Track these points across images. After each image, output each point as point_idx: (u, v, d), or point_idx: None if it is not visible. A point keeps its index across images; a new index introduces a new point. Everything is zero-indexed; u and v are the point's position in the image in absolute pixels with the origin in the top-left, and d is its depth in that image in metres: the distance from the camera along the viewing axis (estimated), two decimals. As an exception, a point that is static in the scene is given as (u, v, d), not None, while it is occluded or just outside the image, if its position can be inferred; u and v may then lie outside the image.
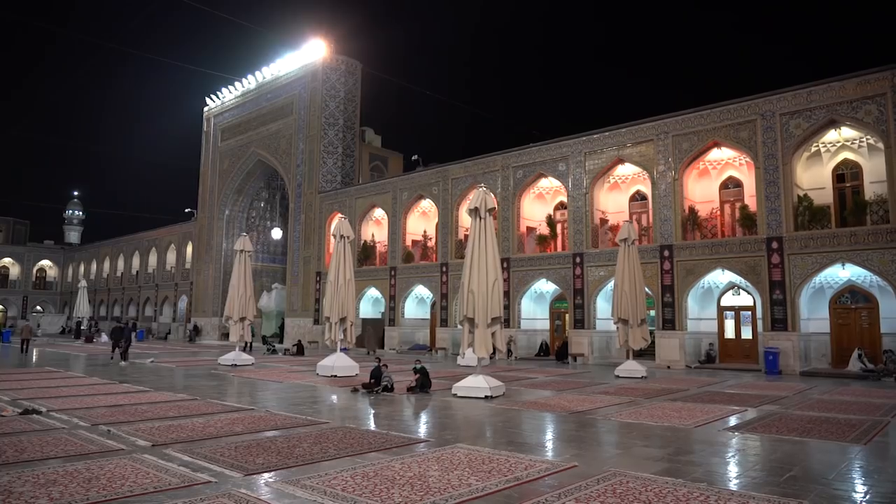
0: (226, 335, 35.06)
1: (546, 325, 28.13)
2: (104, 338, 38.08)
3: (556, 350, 26.08)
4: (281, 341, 37.70)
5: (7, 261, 67.36)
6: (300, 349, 28.20)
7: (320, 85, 38.11)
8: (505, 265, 26.24)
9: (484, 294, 13.00)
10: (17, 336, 35.16)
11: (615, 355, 22.98)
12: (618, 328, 18.56)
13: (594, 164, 25.32)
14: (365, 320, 33.02)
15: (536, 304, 28.28)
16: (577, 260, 25.21)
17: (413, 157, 38.60)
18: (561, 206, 28.12)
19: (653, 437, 8.76)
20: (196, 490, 5.73)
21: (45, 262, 70.56)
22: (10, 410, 10.22)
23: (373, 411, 11.46)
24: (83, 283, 48.23)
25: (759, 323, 21.47)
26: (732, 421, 10.30)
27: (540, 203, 28.76)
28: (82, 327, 44.26)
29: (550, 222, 27.67)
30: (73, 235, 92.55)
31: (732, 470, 6.99)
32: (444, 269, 30.00)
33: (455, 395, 13.03)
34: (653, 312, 22.66)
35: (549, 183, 27.94)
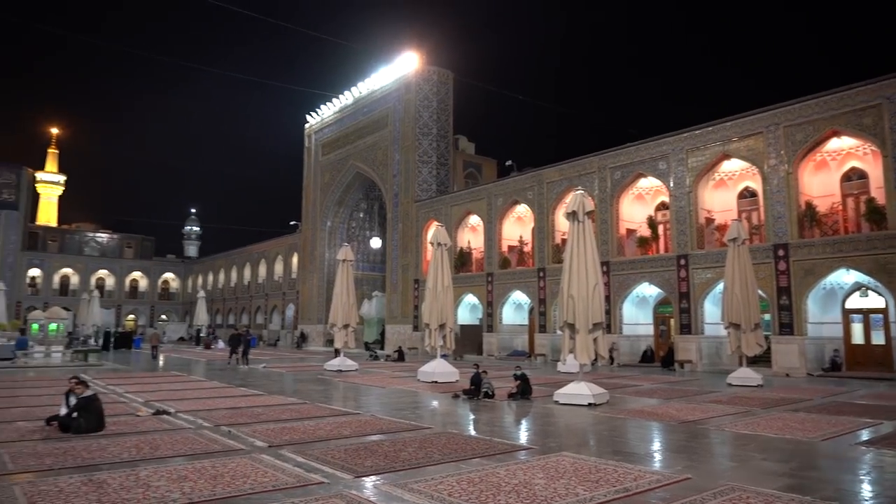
0: (330, 341, 36.49)
1: (650, 330, 27.10)
2: (221, 344, 40.75)
3: (661, 357, 25.06)
4: (382, 347, 38.71)
5: (137, 274, 73.72)
6: (401, 355, 28.84)
7: (413, 96, 38.95)
8: (605, 269, 25.53)
9: (584, 299, 12.73)
10: (146, 343, 38.35)
11: (726, 362, 21.74)
12: (729, 333, 17.56)
13: (697, 161, 24.17)
14: (463, 326, 33.26)
15: (639, 308, 27.32)
16: (682, 262, 24.12)
17: (507, 163, 38.57)
18: (662, 206, 27.05)
19: (773, 450, 8.19)
20: (310, 490, 5.98)
21: (169, 275, 76.57)
22: (145, 411, 11.15)
23: (474, 417, 11.50)
24: (201, 293, 51.88)
25: (893, 327, 19.58)
26: (865, 435, 9.44)
27: (640, 204, 27.81)
28: (201, 335, 47.59)
29: (652, 223, 26.67)
30: (191, 249, 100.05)
31: (867, 489, 6.40)
32: (542, 274, 29.66)
33: (557, 402, 12.83)
34: (767, 316, 21.25)
35: (648, 183, 26.97)
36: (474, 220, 34.87)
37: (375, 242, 46.85)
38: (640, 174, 26.37)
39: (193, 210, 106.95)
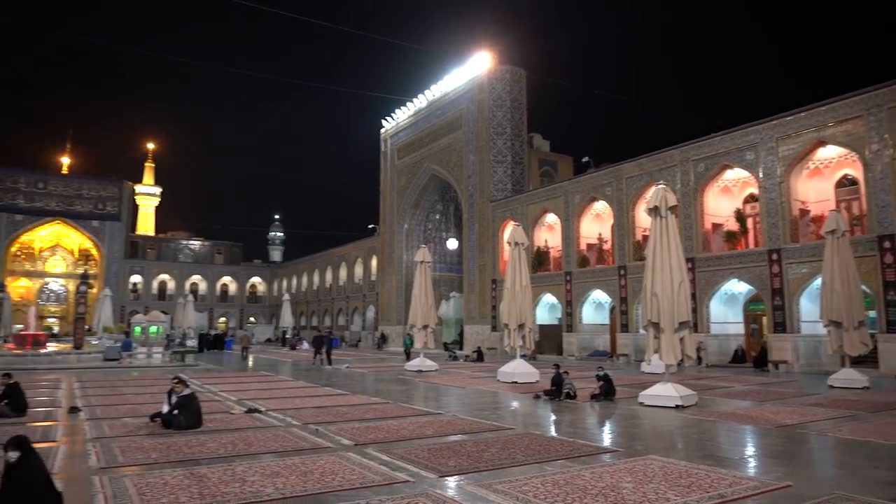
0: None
1: (740, 329, 25.82)
2: (305, 345, 42.20)
3: (753, 357, 23.82)
4: (461, 348, 38.89)
5: (227, 279, 77.55)
6: (480, 355, 28.87)
7: (486, 96, 38.92)
8: (690, 265, 24.53)
9: (669, 297, 12.28)
10: (237, 344, 40.28)
11: (826, 363, 20.39)
12: (829, 332, 16.45)
13: (788, 149, 22.81)
14: (542, 326, 32.89)
15: (727, 306, 26.08)
16: (774, 256, 22.83)
17: (583, 159, 37.87)
18: (751, 198, 25.70)
19: (884, 458, 7.61)
20: (396, 488, 6.08)
21: (256, 279, 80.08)
22: (238, 409, 11.71)
23: (556, 418, 11.33)
24: (286, 296, 53.95)
25: None
26: None
27: (726, 197, 26.55)
28: (287, 336, 49.45)
29: (740, 217, 25.40)
30: (275, 254, 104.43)
31: None
32: (622, 272, 28.89)
33: (642, 404, 12.44)
34: (872, 313, 19.77)
35: (735, 174, 25.70)
36: (551, 218, 34.42)
37: (452, 243, 47.14)
38: (725, 166, 25.19)
39: (277, 216, 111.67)
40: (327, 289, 64.49)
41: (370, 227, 55.77)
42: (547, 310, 34.93)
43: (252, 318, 76.19)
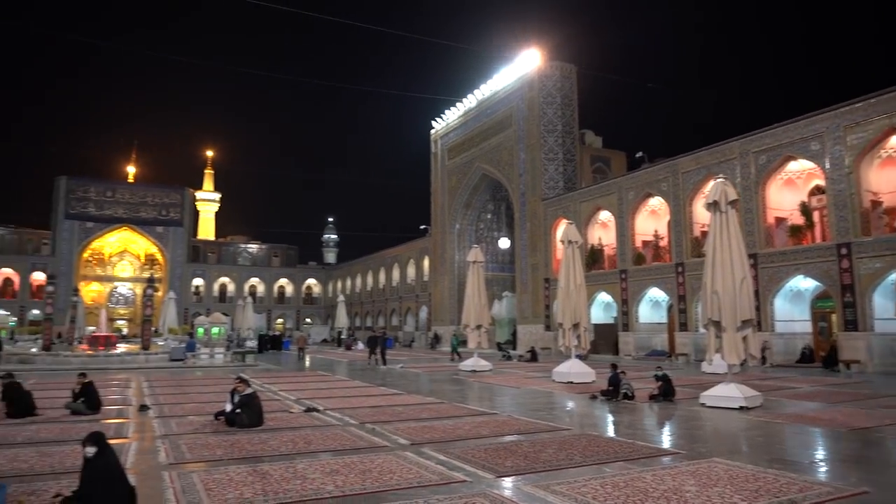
0: (462, 342, 37.10)
1: (807, 327, 24.72)
2: (360, 346, 42.81)
3: (822, 356, 22.76)
4: (514, 348, 38.68)
5: (283, 281, 79.53)
6: (534, 355, 28.63)
7: (536, 93, 38.57)
8: (752, 261, 23.68)
9: (730, 294, 11.87)
10: (294, 345, 41.22)
11: (903, 362, 19.30)
12: (905, 329, 15.56)
13: (857, 138, 21.69)
14: (596, 325, 32.36)
15: (793, 303, 25.02)
16: (843, 251, 21.76)
17: (637, 155, 37.04)
18: (817, 190, 24.57)
19: (972, 463, 7.14)
20: (454, 488, 6.09)
21: (311, 281, 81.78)
22: (297, 408, 11.98)
23: (614, 419, 11.12)
24: (341, 297, 54.90)
25: None
26: None
27: (790, 189, 25.47)
28: (342, 336, 50.30)
29: (805, 210, 24.31)
30: (329, 256, 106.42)
31: None
32: (680, 269, 28.12)
33: (703, 405, 12.07)
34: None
35: (799, 166, 24.63)
36: (604, 215, 33.82)
37: (504, 243, 46.95)
38: (788, 157, 24.17)
39: (331, 219, 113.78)
40: (381, 289, 65.29)
41: (422, 227, 56.18)
42: (602, 309, 34.34)
43: (308, 319, 77.82)
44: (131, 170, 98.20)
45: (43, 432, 9.34)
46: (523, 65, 39.90)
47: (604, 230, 34.37)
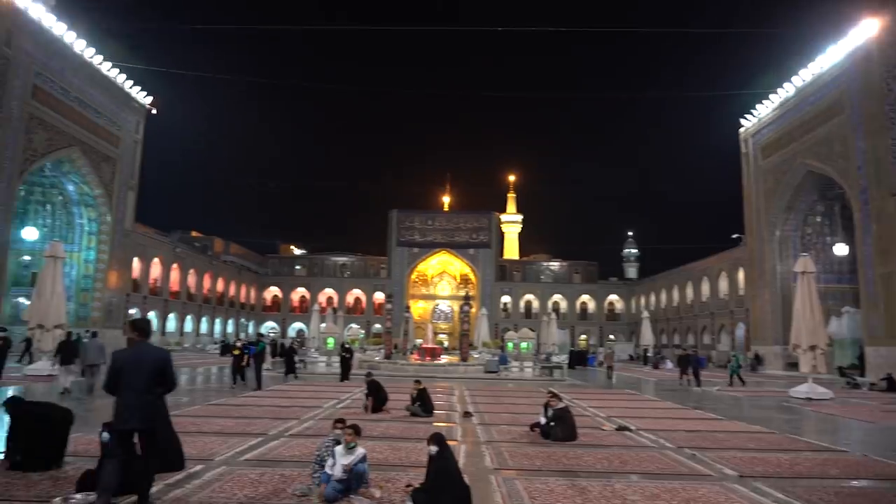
0: (791, 364, 32.47)
1: None
2: (669, 364, 40.62)
3: None
4: (862, 374, 32.41)
5: (585, 297, 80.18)
6: (891, 384, 23.63)
7: (876, 67, 32.15)
8: None
9: None
10: (598, 361, 41.01)
11: None
12: None
13: None
14: None
15: None
16: None
17: None
18: None
19: None
20: (799, 533, 5.30)
21: (613, 297, 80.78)
22: (609, 426, 11.85)
23: None
24: (645, 313, 52.93)
25: None
26: None
27: None
28: (648, 354, 48.37)
29: None
30: (630, 271, 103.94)
31: None
32: None
33: None
34: None
35: None
36: None
37: (840, 249, 39.98)
38: None
39: (630, 233, 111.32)
40: (688, 305, 61.21)
41: (733, 236, 51.19)
42: None
43: (611, 336, 76.95)
44: (446, 199, 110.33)
45: (391, 430, 10.93)
46: (854, 39, 33.75)
47: None
